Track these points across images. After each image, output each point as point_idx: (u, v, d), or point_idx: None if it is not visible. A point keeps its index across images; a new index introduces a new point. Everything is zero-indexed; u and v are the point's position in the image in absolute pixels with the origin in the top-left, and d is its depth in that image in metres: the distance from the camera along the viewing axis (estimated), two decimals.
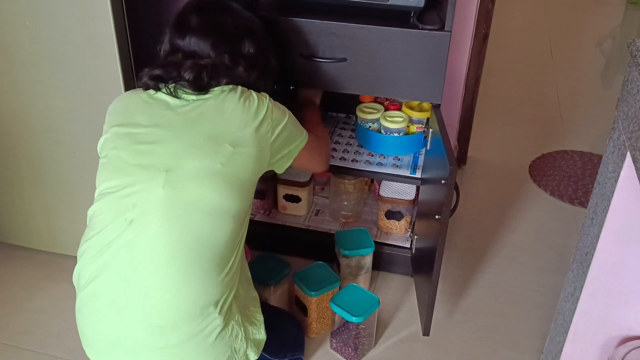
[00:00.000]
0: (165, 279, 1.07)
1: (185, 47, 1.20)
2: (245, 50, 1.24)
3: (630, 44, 0.97)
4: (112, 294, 1.09)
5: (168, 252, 1.07)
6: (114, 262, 1.09)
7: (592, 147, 2.48)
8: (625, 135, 0.98)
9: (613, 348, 1.21)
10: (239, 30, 1.25)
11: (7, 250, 1.86)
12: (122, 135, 1.15)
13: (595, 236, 1.11)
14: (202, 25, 1.21)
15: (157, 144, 1.12)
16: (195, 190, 1.09)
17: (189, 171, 1.10)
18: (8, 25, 1.45)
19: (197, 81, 1.15)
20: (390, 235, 1.80)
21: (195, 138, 1.12)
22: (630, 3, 4.18)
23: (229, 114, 1.16)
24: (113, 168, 1.13)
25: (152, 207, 1.08)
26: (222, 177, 1.11)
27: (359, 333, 1.52)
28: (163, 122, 1.14)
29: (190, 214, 1.09)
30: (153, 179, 1.09)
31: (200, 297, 1.09)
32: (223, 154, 1.12)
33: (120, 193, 1.10)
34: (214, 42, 1.20)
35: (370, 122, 1.72)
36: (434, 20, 1.42)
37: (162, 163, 1.10)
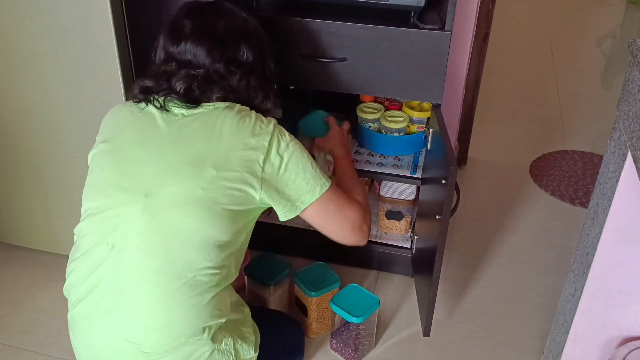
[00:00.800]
0: (149, 309, 1.06)
1: (179, 55, 1.14)
2: (243, 57, 1.17)
3: (631, 44, 0.97)
4: (99, 318, 1.09)
5: (151, 280, 1.05)
6: (98, 287, 1.08)
7: (593, 147, 2.48)
8: (626, 135, 0.98)
9: (614, 348, 1.21)
10: (234, 34, 1.17)
11: (7, 250, 1.86)
12: (107, 153, 1.12)
13: (596, 236, 1.11)
14: (196, 31, 1.15)
15: (140, 165, 1.08)
16: (175, 217, 1.05)
17: (168, 196, 1.05)
18: (8, 25, 1.45)
19: (187, 93, 1.11)
20: (391, 235, 1.79)
21: (178, 160, 1.07)
22: (631, 3, 4.18)
23: (219, 132, 1.08)
24: (96, 187, 1.11)
25: (132, 233, 1.05)
26: (202, 204, 1.05)
27: (359, 333, 1.51)
28: (149, 139, 1.10)
29: (170, 243, 1.05)
30: (132, 204, 1.06)
31: (186, 326, 1.07)
32: (205, 178, 1.05)
33: (102, 215, 1.08)
34: (209, 49, 1.14)
35: (371, 122, 1.72)
36: (435, 19, 1.42)
37: (142, 186, 1.06)
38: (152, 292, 1.05)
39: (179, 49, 1.14)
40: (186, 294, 1.06)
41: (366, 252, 1.79)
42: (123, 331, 1.07)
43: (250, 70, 1.18)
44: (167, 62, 1.15)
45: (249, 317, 1.25)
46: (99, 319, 1.09)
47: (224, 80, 1.14)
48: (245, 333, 1.20)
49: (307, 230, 1.82)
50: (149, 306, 1.06)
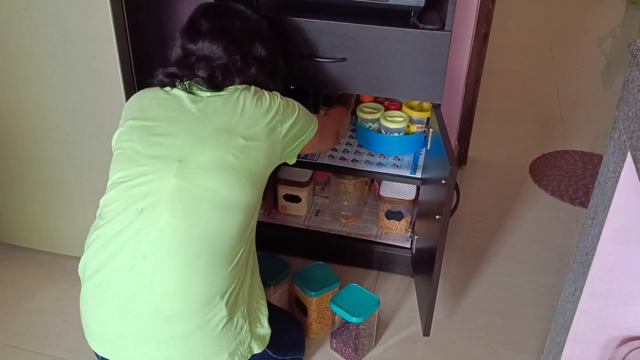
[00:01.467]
0: (173, 269, 1.08)
1: (198, 51, 1.22)
2: (257, 53, 1.27)
3: (630, 44, 0.97)
4: (118, 284, 1.10)
5: (177, 243, 1.08)
6: (122, 252, 1.10)
7: (593, 147, 2.48)
8: (625, 135, 0.98)
9: (613, 348, 1.21)
10: (248, 33, 1.27)
11: (7, 250, 1.86)
12: (136, 128, 1.17)
13: (596, 236, 1.11)
14: (213, 29, 1.23)
15: (170, 136, 1.14)
16: (207, 181, 1.11)
17: (201, 162, 1.11)
18: (8, 25, 1.45)
19: (211, 79, 1.19)
20: (391, 235, 1.79)
21: (208, 130, 1.14)
22: (631, 3, 4.18)
23: (242, 110, 1.18)
24: (126, 159, 1.15)
25: (164, 197, 1.09)
26: (233, 169, 1.12)
27: (359, 333, 1.51)
28: (177, 115, 1.17)
29: (200, 205, 1.10)
30: (165, 169, 1.10)
31: (207, 288, 1.10)
32: (235, 146, 1.13)
33: (132, 182, 1.12)
34: (226, 46, 1.22)
35: (371, 122, 1.72)
36: (435, 20, 1.42)
37: (174, 154, 1.12)
38: (177, 253, 1.08)
39: (197, 47, 1.22)
40: (209, 256, 1.10)
41: (366, 252, 1.79)
42: (143, 295, 1.09)
43: (262, 65, 1.27)
44: (186, 57, 1.23)
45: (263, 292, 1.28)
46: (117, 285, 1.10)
47: (242, 72, 1.23)
48: (261, 305, 1.24)
49: (307, 230, 1.82)
50: (173, 267, 1.08)
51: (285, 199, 1.83)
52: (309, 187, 1.83)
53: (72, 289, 1.71)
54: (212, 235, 1.10)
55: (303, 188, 1.80)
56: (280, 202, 1.84)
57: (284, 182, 1.81)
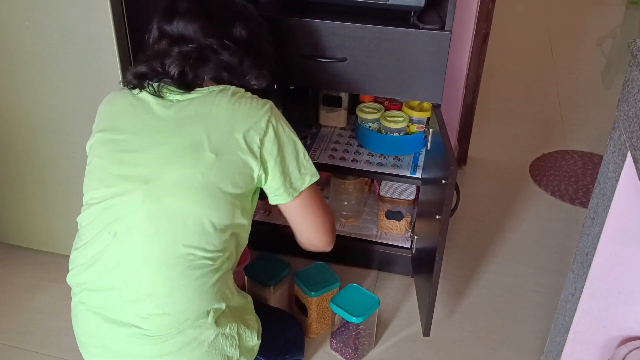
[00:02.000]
0: (155, 292, 1.06)
1: (173, 31, 1.13)
2: (237, 34, 1.16)
3: (630, 44, 0.97)
4: (102, 304, 1.09)
5: (155, 266, 1.05)
6: (103, 276, 1.08)
7: (593, 147, 2.48)
8: (625, 135, 0.98)
9: (613, 348, 1.21)
10: (229, 13, 1.17)
11: (7, 250, 1.86)
12: (105, 142, 1.11)
13: (596, 236, 1.11)
14: (190, 8, 1.14)
15: (139, 153, 1.08)
16: (175, 203, 1.05)
17: (168, 182, 1.05)
18: (8, 25, 1.45)
19: (181, 77, 1.10)
20: (391, 235, 1.79)
21: (176, 145, 1.07)
22: (631, 3, 4.18)
23: (215, 116, 1.08)
24: (96, 177, 1.11)
25: (135, 220, 1.06)
26: (203, 188, 1.05)
27: (359, 333, 1.51)
28: (145, 127, 1.09)
29: (173, 227, 1.05)
30: (133, 192, 1.06)
31: (191, 309, 1.07)
32: (204, 163, 1.05)
33: (103, 204, 1.08)
34: (202, 25, 1.13)
35: (370, 122, 1.72)
36: (435, 20, 1.42)
37: (142, 174, 1.06)
38: (156, 277, 1.06)
39: (172, 26, 1.13)
40: (190, 277, 1.06)
41: (366, 252, 1.79)
42: (128, 316, 1.08)
43: (244, 48, 1.16)
44: (160, 40, 1.14)
45: (251, 305, 1.25)
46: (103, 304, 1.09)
47: (217, 56, 1.13)
48: (249, 320, 1.21)
49: None
50: (153, 291, 1.06)
51: None
52: None
53: None
54: (190, 256, 1.06)
55: None
56: None
57: None
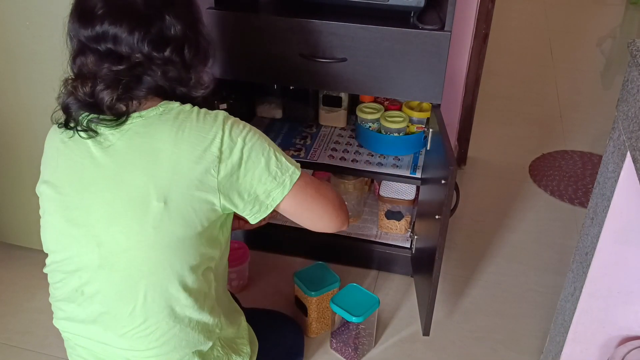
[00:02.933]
0: (136, 344, 1.03)
1: (96, 42, 0.94)
2: (171, 31, 0.97)
3: (630, 44, 0.97)
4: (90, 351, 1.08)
5: (130, 323, 1.01)
6: (85, 333, 1.06)
7: (592, 147, 2.48)
8: (625, 135, 0.98)
9: (613, 348, 1.21)
10: (156, 4, 0.96)
11: (7, 250, 1.86)
12: (51, 200, 1.01)
13: (595, 236, 1.11)
14: (110, 9, 0.94)
15: (84, 210, 0.98)
16: (132, 264, 0.97)
17: (119, 244, 0.97)
18: (8, 25, 1.45)
19: (114, 104, 0.94)
20: (390, 235, 1.79)
21: (119, 200, 0.96)
22: (631, 3, 4.18)
23: (158, 154, 0.95)
24: (52, 238, 1.04)
25: (98, 283, 1.00)
26: (158, 242, 0.96)
27: (359, 333, 1.52)
28: (86, 179, 0.98)
29: (136, 287, 0.98)
30: (88, 255, 0.99)
31: (175, 354, 1.05)
32: (153, 215, 0.94)
33: (66, 268, 1.03)
34: (130, 29, 0.93)
35: (370, 122, 1.72)
36: (434, 20, 1.42)
37: (92, 235, 0.98)
38: (134, 330, 1.02)
39: (94, 33, 0.94)
40: (169, 326, 1.02)
41: (366, 252, 1.79)
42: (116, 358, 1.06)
43: (181, 44, 0.99)
44: (84, 53, 0.96)
45: (243, 326, 1.22)
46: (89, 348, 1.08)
47: (154, 65, 0.96)
48: (240, 345, 1.17)
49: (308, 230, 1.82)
50: (135, 344, 1.03)
51: None
52: None
53: None
54: (163, 308, 1.00)
55: None
56: None
57: None
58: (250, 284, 1.75)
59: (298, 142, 1.78)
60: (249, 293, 1.72)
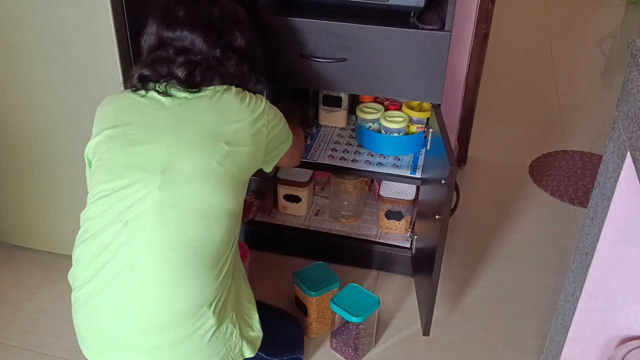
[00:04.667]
0: (161, 279, 1.08)
1: (175, 41, 1.16)
2: (237, 43, 1.21)
3: (630, 44, 0.97)
4: (107, 295, 1.10)
5: (164, 253, 1.07)
6: (109, 264, 1.09)
7: (592, 147, 2.48)
8: (625, 135, 0.98)
9: (613, 348, 1.21)
10: (227, 21, 1.20)
11: (7, 250, 1.86)
12: (115, 137, 1.12)
13: (595, 236, 1.11)
14: (191, 17, 1.16)
15: (152, 144, 1.10)
16: (192, 190, 1.08)
17: (185, 171, 1.09)
18: (8, 25, 1.45)
19: (189, 79, 1.14)
20: (390, 235, 1.79)
21: (190, 137, 1.11)
22: (631, 3, 4.18)
23: (224, 113, 1.14)
24: (107, 170, 1.11)
25: (149, 208, 1.07)
26: (218, 176, 1.10)
27: (359, 333, 1.52)
28: (157, 121, 1.12)
29: (185, 215, 1.08)
30: (150, 180, 1.08)
31: (195, 297, 1.09)
32: (219, 152, 1.11)
33: (116, 195, 1.09)
34: (206, 36, 1.16)
35: (370, 122, 1.72)
36: (434, 20, 1.42)
37: (157, 163, 1.09)
38: (164, 264, 1.07)
39: (175, 35, 1.16)
40: (196, 265, 1.08)
41: (366, 252, 1.79)
42: (133, 305, 1.08)
43: (243, 55, 1.22)
44: (163, 47, 1.16)
45: (252, 296, 1.27)
46: (107, 296, 1.10)
47: (222, 66, 1.18)
48: (248, 309, 1.23)
49: (307, 230, 1.82)
50: (161, 278, 1.08)
51: (285, 199, 1.83)
52: (309, 187, 1.83)
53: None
54: (198, 243, 1.09)
55: (303, 188, 1.80)
56: (280, 202, 1.84)
57: (284, 182, 1.81)
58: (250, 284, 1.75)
59: None
60: None
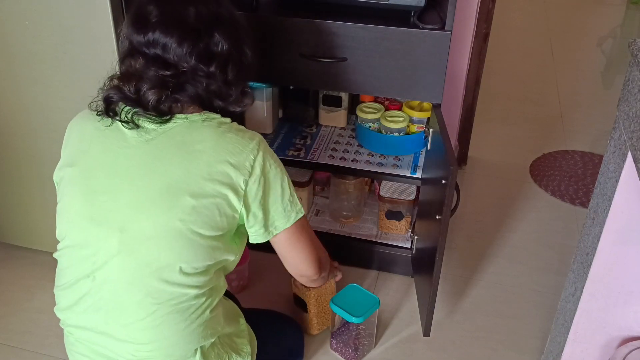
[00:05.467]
0: (137, 339, 1.04)
1: (146, 47, 1.01)
2: (217, 48, 1.03)
3: (631, 44, 0.97)
4: (91, 341, 1.08)
5: (135, 312, 1.03)
6: (86, 318, 1.06)
7: (593, 147, 2.48)
8: (626, 135, 0.98)
9: (614, 348, 1.21)
10: (206, 21, 1.03)
11: (7, 250, 1.86)
12: (75, 180, 1.04)
13: (596, 236, 1.11)
14: (164, 18, 1.01)
15: (112, 195, 1.01)
16: (152, 252, 1.00)
17: (144, 231, 0.99)
18: (8, 25, 1.45)
19: (158, 105, 1.00)
20: (391, 235, 1.79)
21: (152, 190, 1.00)
22: (631, 3, 4.18)
23: (197, 153, 1.00)
24: (68, 219, 1.05)
25: (111, 268, 1.01)
26: (181, 235, 0.99)
27: (359, 334, 1.51)
28: (119, 164, 1.02)
29: (151, 275, 1.01)
30: (107, 240, 1.01)
31: (178, 349, 1.06)
32: (182, 208, 0.99)
33: (80, 252, 1.04)
34: (179, 41, 1.00)
35: (371, 122, 1.72)
36: (435, 19, 1.42)
37: (116, 220, 1.00)
38: (138, 322, 1.03)
39: (146, 39, 1.01)
40: (175, 320, 1.04)
41: (366, 252, 1.79)
42: (115, 353, 1.06)
43: (226, 61, 1.05)
44: (133, 55, 1.03)
45: (244, 326, 1.23)
46: (90, 343, 1.08)
47: (197, 77, 1.03)
48: (240, 344, 1.19)
49: None
50: (137, 336, 1.04)
51: None
52: (309, 187, 1.82)
53: None
54: (172, 301, 1.02)
55: (303, 188, 1.80)
56: None
57: None
58: (250, 284, 1.75)
59: (298, 142, 1.78)
60: (248, 293, 1.72)
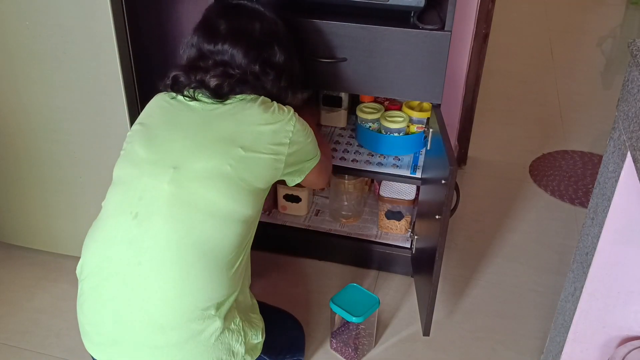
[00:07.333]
0: (168, 278, 1.07)
1: (215, 54, 1.19)
2: (276, 58, 1.23)
3: (630, 44, 0.97)
4: (113, 289, 1.10)
5: (171, 251, 1.07)
6: (117, 257, 1.09)
7: (593, 147, 2.48)
8: (625, 135, 0.98)
9: (613, 348, 1.21)
10: (267, 36, 1.23)
11: (7, 250, 1.86)
12: (139, 131, 1.18)
13: (596, 236, 1.11)
14: (232, 31, 1.19)
15: (169, 141, 1.14)
16: (200, 190, 1.09)
17: (196, 170, 1.10)
18: (8, 25, 1.45)
19: (217, 89, 1.16)
20: (391, 235, 1.79)
21: (207, 138, 1.13)
22: (631, 3, 4.18)
23: (245, 118, 1.15)
24: (126, 159, 1.16)
25: (157, 202, 1.09)
26: (229, 179, 1.11)
27: (359, 333, 1.51)
28: (179, 122, 1.16)
29: (194, 214, 1.09)
30: (160, 175, 1.10)
31: (202, 298, 1.09)
32: (233, 156, 1.11)
33: (129, 184, 1.12)
34: (246, 51, 1.19)
35: (370, 122, 1.72)
36: (434, 20, 1.42)
37: (170, 159, 1.11)
38: (171, 262, 1.07)
39: (216, 49, 1.19)
40: (204, 265, 1.08)
41: (366, 252, 1.79)
42: (138, 302, 1.08)
43: (282, 71, 1.24)
44: (203, 59, 1.19)
45: (255, 302, 1.28)
46: (112, 290, 1.09)
47: (258, 81, 1.20)
48: (254, 319, 1.23)
49: (307, 230, 1.82)
50: (168, 276, 1.07)
51: (285, 199, 1.83)
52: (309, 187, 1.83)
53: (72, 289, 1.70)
54: (206, 245, 1.09)
55: (303, 188, 1.80)
56: (280, 202, 1.84)
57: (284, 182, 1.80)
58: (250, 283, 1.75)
59: None
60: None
